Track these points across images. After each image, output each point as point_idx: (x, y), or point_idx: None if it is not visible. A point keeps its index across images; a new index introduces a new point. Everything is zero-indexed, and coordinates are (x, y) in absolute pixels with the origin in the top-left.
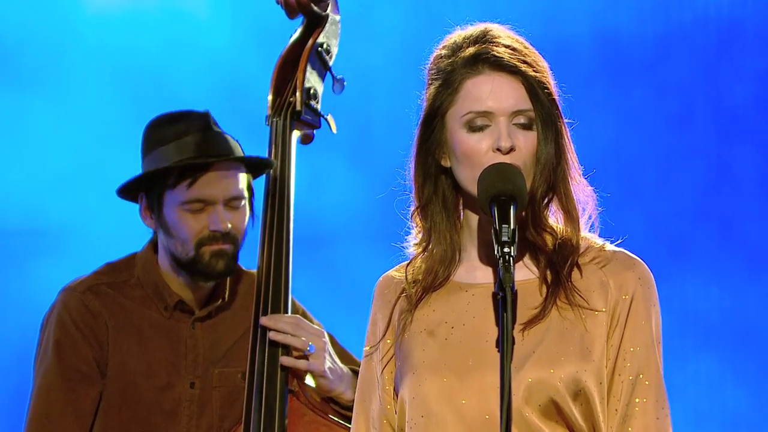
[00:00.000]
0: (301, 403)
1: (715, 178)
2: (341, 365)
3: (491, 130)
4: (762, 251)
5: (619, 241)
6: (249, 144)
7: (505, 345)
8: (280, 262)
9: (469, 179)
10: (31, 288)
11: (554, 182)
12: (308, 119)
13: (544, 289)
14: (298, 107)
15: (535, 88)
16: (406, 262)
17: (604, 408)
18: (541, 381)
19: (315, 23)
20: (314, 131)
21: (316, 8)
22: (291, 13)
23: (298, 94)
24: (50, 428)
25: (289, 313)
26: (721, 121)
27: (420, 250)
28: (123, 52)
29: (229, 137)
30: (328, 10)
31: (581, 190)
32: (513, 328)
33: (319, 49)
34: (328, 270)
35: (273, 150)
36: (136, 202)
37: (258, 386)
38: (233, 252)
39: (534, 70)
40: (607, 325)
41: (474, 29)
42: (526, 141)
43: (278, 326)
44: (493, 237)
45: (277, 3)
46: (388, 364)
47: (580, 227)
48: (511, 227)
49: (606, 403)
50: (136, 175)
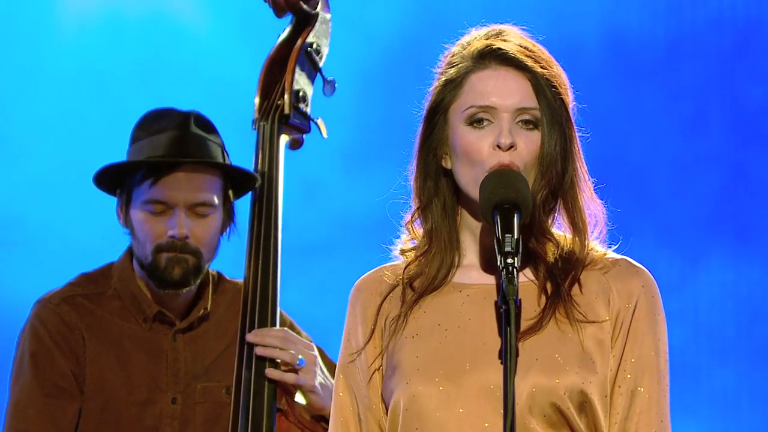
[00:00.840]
0: (290, 423)
1: (731, 185)
2: (332, 380)
3: (493, 127)
4: None
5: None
6: (235, 149)
7: (508, 359)
8: (268, 273)
9: (468, 180)
10: (6, 298)
11: (560, 189)
12: (297, 123)
13: (543, 297)
14: (287, 111)
15: (542, 86)
16: (390, 264)
17: (608, 422)
18: (545, 390)
19: (304, 22)
20: (303, 136)
21: (305, 6)
22: (279, 12)
23: (286, 96)
24: None
25: (277, 326)
26: (737, 125)
27: (419, 254)
28: (104, 53)
29: (212, 142)
30: (318, 8)
31: (591, 204)
32: (517, 342)
33: (309, 49)
34: (320, 282)
35: (260, 155)
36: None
37: (245, 403)
38: (194, 263)
39: (542, 68)
40: (610, 333)
41: (488, 28)
42: (529, 141)
43: (265, 341)
44: (496, 247)
45: (265, 1)
46: (375, 373)
47: (588, 241)
48: (515, 237)
49: (608, 416)
50: (108, 164)
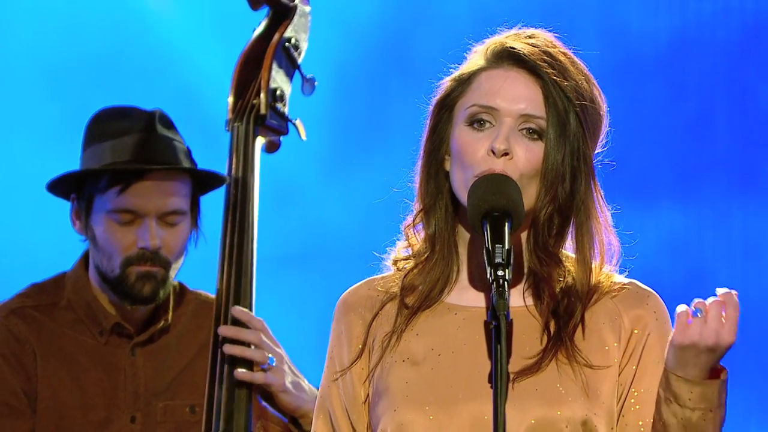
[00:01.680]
0: None
1: (739, 190)
2: (306, 382)
3: (492, 131)
4: None
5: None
6: (205, 153)
7: (498, 381)
8: (241, 285)
9: (458, 185)
10: None
11: (569, 210)
12: (274, 124)
13: (544, 336)
14: (263, 111)
15: (553, 95)
16: (380, 276)
17: None
18: (547, 422)
19: (282, 15)
20: (281, 138)
21: None
22: (254, 4)
23: (262, 95)
24: None
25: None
26: (745, 126)
27: (418, 261)
28: (60, 46)
29: (178, 143)
30: (297, 1)
31: (604, 233)
32: (508, 362)
33: (287, 44)
34: (299, 295)
35: (234, 159)
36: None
37: (217, 427)
38: (163, 276)
39: (559, 76)
40: (619, 360)
41: (520, 29)
42: (529, 151)
43: (242, 336)
44: (485, 259)
45: None
46: (361, 397)
47: (593, 273)
48: (506, 247)
49: None
50: (67, 171)
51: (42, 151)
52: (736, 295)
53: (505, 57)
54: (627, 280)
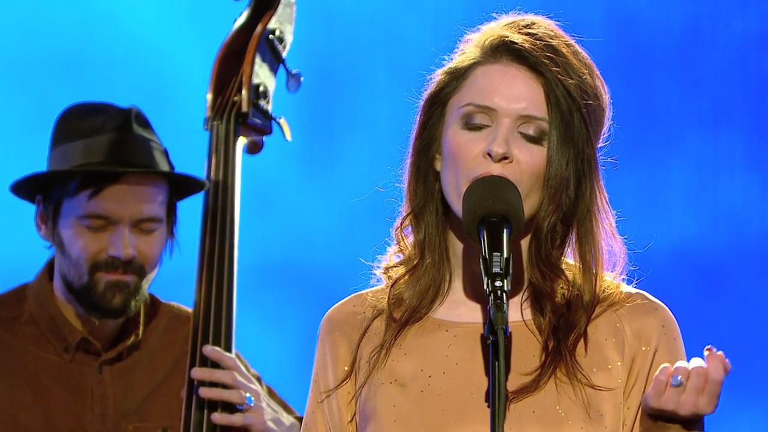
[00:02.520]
0: None
1: (758, 193)
2: (285, 415)
3: (489, 132)
4: None
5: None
6: (182, 153)
7: (496, 401)
8: (221, 297)
9: (451, 188)
10: None
11: (572, 218)
12: (256, 123)
13: (543, 353)
14: (245, 108)
15: (556, 95)
16: (369, 291)
17: None
18: None
19: (265, 5)
20: (264, 138)
21: None
22: None
23: (244, 92)
24: None
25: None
26: (763, 123)
27: (408, 269)
28: (23, 37)
29: (155, 144)
30: None
31: (610, 240)
32: (507, 380)
33: (270, 36)
34: (280, 308)
35: (214, 161)
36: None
37: None
38: (135, 285)
39: (563, 73)
40: (623, 381)
41: (519, 16)
42: (529, 155)
43: (215, 377)
44: (482, 268)
45: None
46: (348, 425)
47: (596, 284)
48: (504, 256)
49: None
50: (34, 172)
51: (5, 150)
52: (722, 357)
53: (504, 51)
54: (634, 291)
